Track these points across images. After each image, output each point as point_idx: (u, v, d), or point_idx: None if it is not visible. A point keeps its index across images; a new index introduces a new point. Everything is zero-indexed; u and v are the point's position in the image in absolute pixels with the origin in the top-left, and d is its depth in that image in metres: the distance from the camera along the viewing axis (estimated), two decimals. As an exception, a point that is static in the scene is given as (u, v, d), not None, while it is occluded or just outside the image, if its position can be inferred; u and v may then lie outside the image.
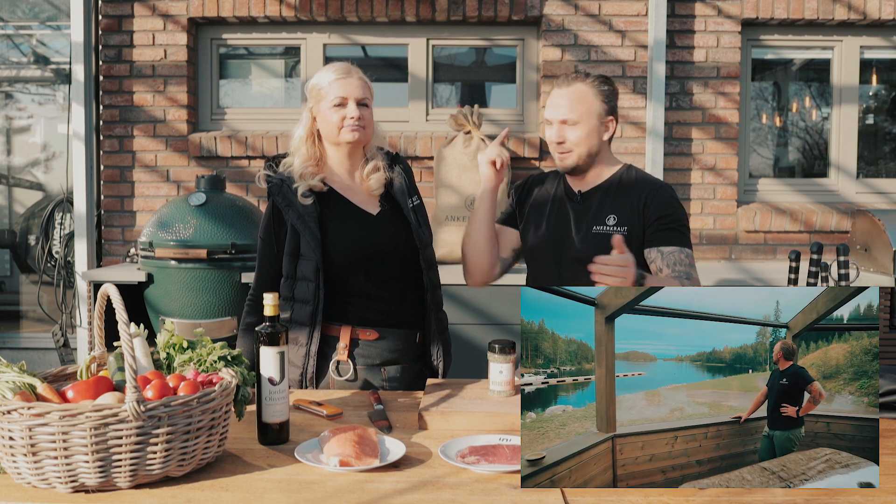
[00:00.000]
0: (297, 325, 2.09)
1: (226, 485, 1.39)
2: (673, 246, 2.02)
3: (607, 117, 2.10)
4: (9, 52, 4.61)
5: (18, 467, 1.33)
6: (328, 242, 2.08)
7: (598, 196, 2.12)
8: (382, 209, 2.16)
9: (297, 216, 2.07)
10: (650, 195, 2.07)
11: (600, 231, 2.07)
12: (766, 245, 4.09)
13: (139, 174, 4.10)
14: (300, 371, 2.09)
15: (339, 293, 2.10)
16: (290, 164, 2.15)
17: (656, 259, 2.02)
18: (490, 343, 1.87)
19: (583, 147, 2.09)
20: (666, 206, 2.06)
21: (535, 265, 2.21)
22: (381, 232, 2.13)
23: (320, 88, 2.12)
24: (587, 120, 2.08)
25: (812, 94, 4.42)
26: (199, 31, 4.19)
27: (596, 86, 2.09)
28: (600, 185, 2.14)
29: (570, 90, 2.09)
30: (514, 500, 1.33)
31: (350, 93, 2.09)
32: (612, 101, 2.11)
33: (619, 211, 2.08)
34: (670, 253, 2.02)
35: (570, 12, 4.01)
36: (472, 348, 3.24)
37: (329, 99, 2.10)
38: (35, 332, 4.51)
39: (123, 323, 1.35)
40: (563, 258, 2.11)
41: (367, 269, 2.10)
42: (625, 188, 2.11)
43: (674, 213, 2.06)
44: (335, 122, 2.09)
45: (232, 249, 3.30)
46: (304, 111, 2.18)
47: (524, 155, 4.00)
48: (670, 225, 2.04)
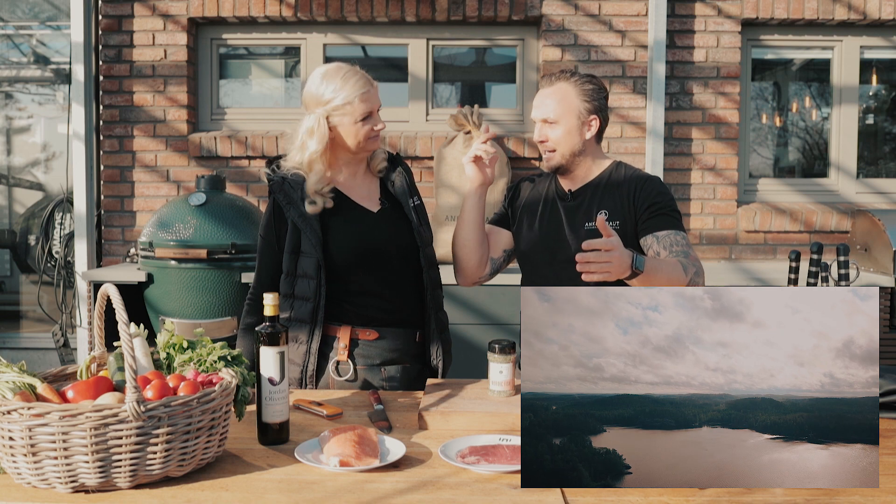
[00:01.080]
0: (297, 323, 2.09)
1: (226, 485, 1.39)
2: (667, 230, 2.03)
3: (589, 116, 2.09)
4: (9, 52, 4.61)
5: (18, 467, 1.33)
6: (330, 240, 2.08)
7: (589, 194, 2.13)
8: (383, 207, 2.16)
9: (298, 214, 2.07)
10: (637, 186, 2.08)
11: (592, 227, 2.07)
12: (766, 245, 4.09)
13: (139, 174, 4.10)
14: (300, 369, 2.09)
15: (339, 292, 2.10)
16: (290, 166, 2.14)
17: (653, 244, 2.03)
18: (490, 343, 1.87)
19: (564, 146, 2.10)
20: (655, 194, 2.07)
21: (529, 266, 2.21)
22: (382, 230, 2.13)
23: (347, 103, 2.04)
24: (566, 119, 2.08)
25: (812, 94, 4.42)
26: (199, 31, 4.20)
27: (578, 84, 2.08)
28: (590, 183, 2.14)
29: (552, 89, 2.10)
30: (514, 500, 1.33)
31: (374, 105, 2.09)
32: (595, 100, 2.09)
33: (610, 206, 2.08)
34: (665, 236, 2.03)
35: (570, 12, 4.01)
36: (472, 348, 3.24)
37: (357, 115, 2.05)
38: (35, 332, 4.51)
39: (123, 323, 1.35)
40: (557, 258, 2.11)
41: (368, 267, 2.10)
42: (614, 184, 2.12)
43: (663, 200, 2.07)
44: (363, 133, 2.07)
45: (232, 249, 3.30)
46: (316, 123, 2.04)
47: (524, 155, 4.00)
48: (661, 211, 2.05)
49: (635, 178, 2.12)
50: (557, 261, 2.11)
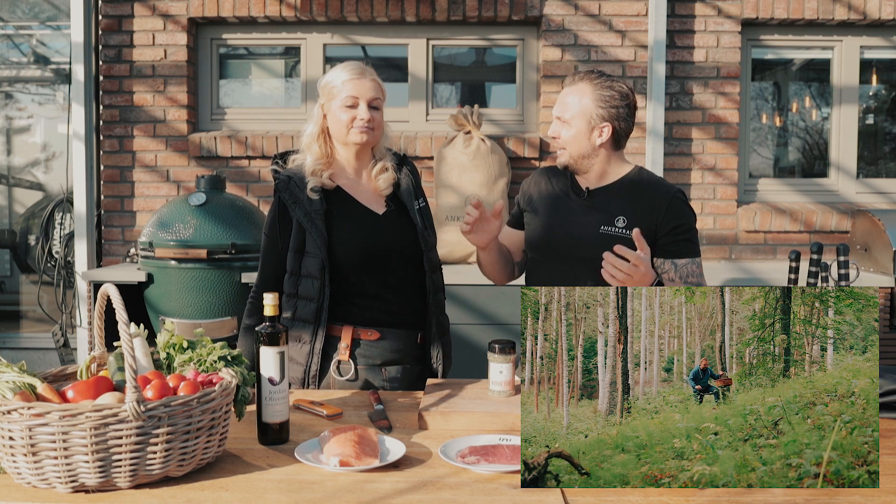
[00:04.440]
0: (300, 323, 2.09)
1: (226, 485, 1.39)
2: (685, 258, 2.08)
3: (601, 122, 2.07)
4: (9, 52, 4.61)
5: (18, 467, 1.33)
6: (334, 241, 2.08)
7: (607, 196, 2.12)
8: (388, 209, 2.16)
9: (303, 213, 2.07)
10: (664, 201, 2.07)
11: (607, 232, 2.06)
12: (766, 245, 4.09)
13: (139, 174, 4.10)
14: (303, 368, 2.09)
15: (342, 293, 2.10)
16: (300, 161, 2.16)
17: (669, 270, 2.06)
18: (490, 343, 1.87)
19: (572, 147, 2.10)
20: (680, 214, 2.08)
21: (537, 259, 2.21)
22: (386, 232, 2.13)
23: (333, 87, 2.11)
24: (576, 122, 2.07)
25: (812, 94, 4.42)
26: (199, 31, 4.19)
27: (598, 89, 2.07)
28: (610, 185, 2.13)
29: (573, 88, 2.09)
30: (514, 500, 1.33)
31: (362, 94, 2.09)
32: (612, 107, 2.07)
33: (630, 213, 2.07)
34: (684, 265, 2.07)
35: (570, 12, 4.01)
36: (472, 348, 3.24)
37: (340, 98, 2.09)
38: (35, 332, 4.51)
39: (123, 323, 1.35)
40: (566, 256, 2.11)
41: (372, 269, 2.10)
42: (636, 190, 2.10)
43: (688, 223, 2.09)
44: (345, 121, 2.09)
45: (232, 249, 3.30)
46: (316, 108, 2.17)
47: (524, 155, 4.00)
48: (683, 236, 2.07)
49: (661, 189, 2.11)
50: (566, 258, 2.11)
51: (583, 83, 2.08)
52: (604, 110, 2.06)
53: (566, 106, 2.09)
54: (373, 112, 2.10)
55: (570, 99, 2.08)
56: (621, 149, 2.16)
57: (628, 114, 2.10)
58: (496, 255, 2.19)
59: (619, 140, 2.12)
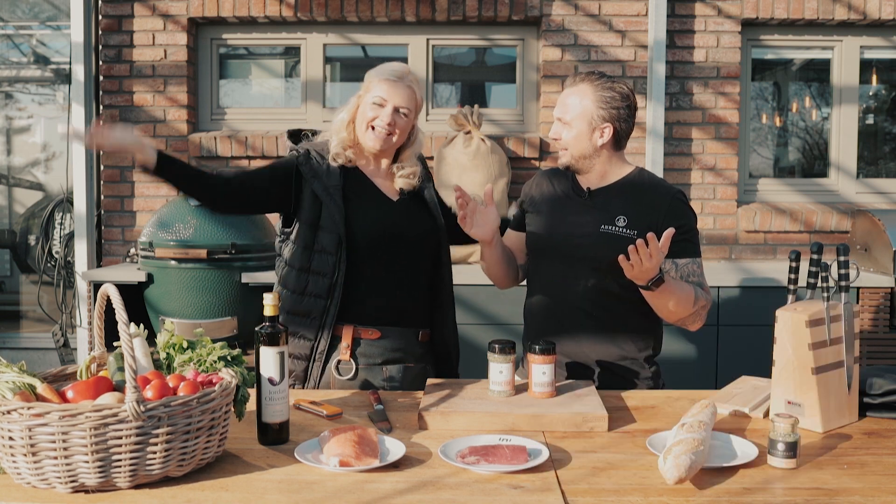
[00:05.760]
0: (312, 298, 2.09)
1: (226, 485, 1.39)
2: (687, 258, 2.08)
3: (602, 123, 2.07)
4: (9, 52, 4.61)
5: (18, 467, 1.33)
6: (350, 217, 2.09)
7: (608, 196, 2.12)
8: (402, 197, 2.19)
9: (322, 187, 2.09)
10: (666, 204, 2.08)
11: (608, 231, 2.07)
12: (766, 245, 4.09)
13: (139, 174, 4.10)
14: (306, 364, 2.11)
15: (350, 279, 2.10)
16: (322, 139, 2.20)
17: (671, 270, 2.06)
18: (490, 343, 1.87)
19: (574, 148, 2.10)
20: (680, 215, 2.08)
21: (538, 259, 2.21)
22: (401, 216, 2.16)
23: (370, 81, 2.13)
24: (577, 123, 2.07)
25: (812, 94, 4.42)
26: (199, 31, 4.19)
27: (598, 90, 2.06)
28: (611, 185, 2.13)
29: (573, 90, 2.10)
30: (514, 500, 1.33)
31: (391, 97, 2.09)
32: (612, 108, 2.07)
33: (631, 213, 2.07)
34: (685, 265, 2.08)
35: (570, 12, 4.01)
36: (472, 348, 3.23)
37: (371, 94, 2.10)
38: (35, 332, 4.50)
39: (123, 323, 1.35)
40: (567, 255, 2.11)
41: (382, 253, 2.11)
42: (637, 192, 2.11)
43: (689, 224, 2.10)
44: (367, 117, 2.10)
45: (232, 249, 3.31)
46: (354, 96, 2.18)
47: (524, 155, 3.99)
48: (684, 236, 2.06)
49: (662, 190, 2.12)
50: (567, 258, 2.11)
51: (583, 84, 2.08)
52: (605, 111, 2.07)
53: (567, 107, 2.09)
54: (396, 117, 2.10)
55: (570, 100, 2.09)
56: (622, 149, 2.16)
57: (629, 114, 2.11)
58: (500, 253, 2.18)
59: (619, 140, 2.13)
